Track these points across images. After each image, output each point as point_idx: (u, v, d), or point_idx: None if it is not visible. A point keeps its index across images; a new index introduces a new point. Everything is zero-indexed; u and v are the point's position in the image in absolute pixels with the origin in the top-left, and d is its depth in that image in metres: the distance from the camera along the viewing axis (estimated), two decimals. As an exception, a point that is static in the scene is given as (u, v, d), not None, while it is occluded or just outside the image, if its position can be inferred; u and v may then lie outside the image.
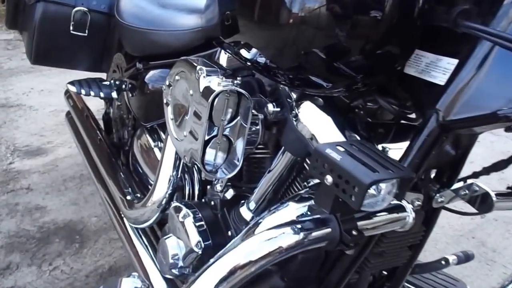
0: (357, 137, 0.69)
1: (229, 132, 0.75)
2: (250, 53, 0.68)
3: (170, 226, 0.92)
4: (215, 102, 0.72)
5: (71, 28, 1.30)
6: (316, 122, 0.70)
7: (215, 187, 0.90)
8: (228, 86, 0.72)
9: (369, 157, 0.54)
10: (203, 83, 0.74)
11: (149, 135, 1.25)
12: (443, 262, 0.98)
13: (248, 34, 0.68)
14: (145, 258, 1.08)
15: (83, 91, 1.35)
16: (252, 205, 0.82)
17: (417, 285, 1.05)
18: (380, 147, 0.70)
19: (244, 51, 0.69)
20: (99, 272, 1.53)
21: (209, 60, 0.82)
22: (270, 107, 0.76)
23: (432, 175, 0.72)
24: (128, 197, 1.20)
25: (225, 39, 0.75)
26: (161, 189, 1.03)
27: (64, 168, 2.07)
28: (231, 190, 0.88)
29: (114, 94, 1.34)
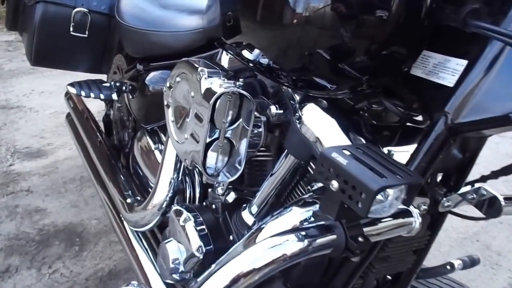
0: (362, 140, 0.67)
1: (231, 135, 0.74)
2: (252, 54, 0.67)
3: (170, 230, 0.91)
4: (216, 104, 0.70)
5: (71, 29, 1.29)
6: (320, 124, 0.69)
7: (216, 190, 0.88)
8: (230, 88, 0.70)
9: (376, 162, 0.52)
10: (205, 84, 0.73)
11: (149, 137, 1.24)
12: (448, 267, 0.96)
13: (251, 35, 0.67)
14: (145, 262, 1.08)
15: (83, 93, 1.34)
16: (254, 209, 0.81)
17: (421, 290, 1.04)
18: (385, 150, 0.68)
19: (246, 52, 0.68)
20: (99, 275, 1.52)
21: (210, 61, 0.80)
22: (273, 109, 0.74)
23: (439, 179, 0.70)
24: (128, 200, 1.19)
25: (226, 40, 0.74)
26: (162, 192, 1.02)
27: (64, 170, 2.07)
28: (232, 194, 0.87)
29: (115, 96, 1.33)
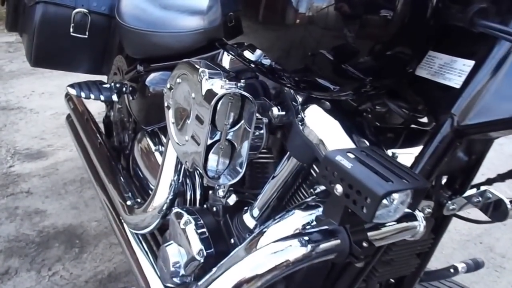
0: (366, 142, 0.66)
1: (233, 137, 0.74)
2: (254, 54, 0.66)
3: (171, 233, 0.90)
4: (218, 105, 0.70)
5: (71, 30, 1.29)
6: (323, 126, 0.68)
7: (217, 192, 0.87)
8: (231, 89, 0.70)
9: (381, 165, 0.51)
10: (206, 86, 0.72)
11: (149, 139, 1.23)
12: (451, 270, 0.95)
13: (252, 35, 0.66)
14: (145, 265, 1.07)
15: (83, 94, 1.33)
16: (256, 212, 0.80)
17: (424, 293, 1.03)
18: (389, 152, 0.67)
19: (248, 52, 0.67)
20: (99, 278, 1.51)
21: (211, 62, 0.80)
22: (275, 111, 0.73)
23: (443, 181, 0.69)
24: (128, 202, 1.18)
25: (228, 41, 0.74)
26: (162, 194, 1.01)
27: (65, 172, 2.06)
28: (233, 196, 0.86)
29: (115, 97, 1.33)
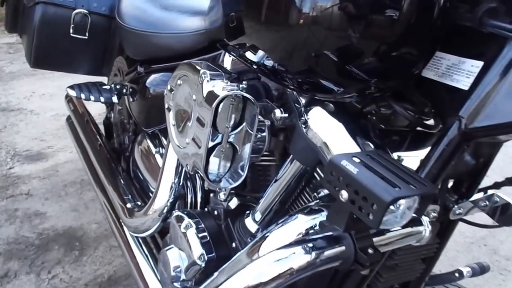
0: (371, 145, 0.65)
1: (234, 139, 0.72)
2: (256, 55, 0.65)
3: (171, 236, 0.89)
4: (219, 107, 0.69)
5: (71, 31, 1.28)
6: (326, 129, 0.66)
7: (218, 195, 0.86)
8: (233, 91, 0.69)
9: (387, 170, 0.49)
10: (207, 87, 0.71)
11: (150, 141, 1.22)
12: (456, 275, 0.94)
13: (255, 36, 0.64)
14: (145, 269, 1.06)
15: (82, 96, 1.32)
16: (258, 216, 0.79)
17: (428, 297, 1.01)
18: (395, 155, 0.66)
19: (250, 53, 0.66)
20: (98, 281, 1.50)
21: (213, 63, 0.79)
22: (277, 113, 0.72)
23: (450, 185, 0.68)
24: (128, 205, 1.17)
25: (229, 42, 0.73)
26: (162, 197, 1.00)
27: (65, 174, 2.05)
28: (235, 199, 0.85)
29: (115, 99, 1.31)
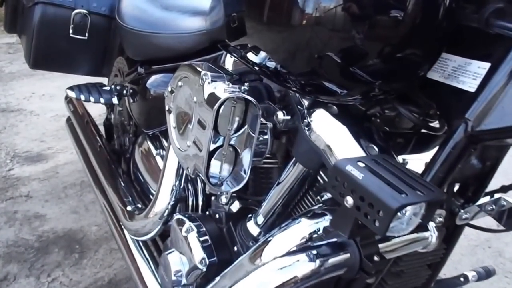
0: (375, 147, 0.63)
1: (236, 142, 0.71)
2: (258, 57, 0.64)
3: (172, 240, 0.88)
4: (220, 109, 0.68)
5: (70, 31, 1.27)
6: (330, 131, 0.65)
7: (220, 199, 0.85)
8: (235, 93, 0.68)
9: (393, 175, 0.48)
10: (208, 89, 0.70)
11: (150, 143, 1.21)
12: (462, 279, 0.93)
13: (256, 37, 0.63)
14: (146, 273, 1.05)
15: (82, 97, 1.31)
16: (260, 219, 0.78)
17: (433, 302, 1.00)
18: (400, 158, 0.64)
19: (251, 54, 0.65)
20: (99, 284, 1.48)
21: (214, 64, 0.78)
22: (279, 115, 0.71)
23: (455, 189, 0.67)
24: (129, 208, 1.16)
25: (231, 42, 0.72)
26: (163, 200, 0.99)
27: (65, 175, 2.03)
28: (237, 203, 0.84)
29: (115, 100, 1.30)
